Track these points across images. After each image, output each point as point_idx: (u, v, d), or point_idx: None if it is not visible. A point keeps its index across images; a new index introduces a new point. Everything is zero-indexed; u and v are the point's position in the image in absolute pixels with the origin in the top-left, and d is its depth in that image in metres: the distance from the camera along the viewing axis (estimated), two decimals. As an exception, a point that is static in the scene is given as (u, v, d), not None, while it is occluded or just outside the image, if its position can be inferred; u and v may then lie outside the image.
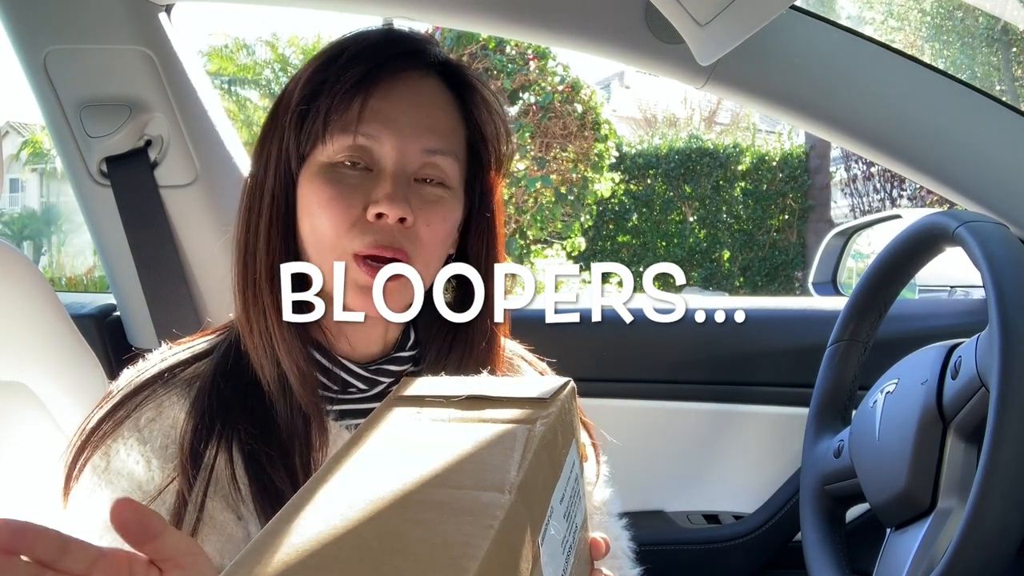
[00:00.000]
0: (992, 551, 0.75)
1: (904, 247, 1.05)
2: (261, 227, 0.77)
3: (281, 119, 0.78)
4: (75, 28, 1.30)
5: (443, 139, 0.78)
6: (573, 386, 0.62)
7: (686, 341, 1.50)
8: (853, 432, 1.04)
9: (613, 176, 7.81)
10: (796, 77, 1.27)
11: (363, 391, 0.81)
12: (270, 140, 0.79)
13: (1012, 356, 0.77)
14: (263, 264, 0.76)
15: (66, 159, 1.38)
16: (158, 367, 0.78)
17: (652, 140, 10.41)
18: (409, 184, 0.76)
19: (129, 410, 0.74)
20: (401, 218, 0.74)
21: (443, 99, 0.80)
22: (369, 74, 0.75)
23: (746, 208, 9.71)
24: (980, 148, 1.28)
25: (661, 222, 9.66)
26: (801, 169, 9.70)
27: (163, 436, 0.73)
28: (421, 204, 0.76)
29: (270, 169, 0.78)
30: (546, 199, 7.10)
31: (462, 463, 0.47)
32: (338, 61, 0.76)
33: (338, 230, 0.74)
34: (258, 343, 0.76)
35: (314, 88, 0.76)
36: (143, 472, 0.71)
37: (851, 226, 2.02)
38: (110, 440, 0.73)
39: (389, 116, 0.76)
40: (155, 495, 0.70)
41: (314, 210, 0.75)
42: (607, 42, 1.28)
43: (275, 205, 0.77)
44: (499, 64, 6.84)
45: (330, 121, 0.75)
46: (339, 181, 0.75)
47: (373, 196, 0.74)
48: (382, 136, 0.75)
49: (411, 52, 0.79)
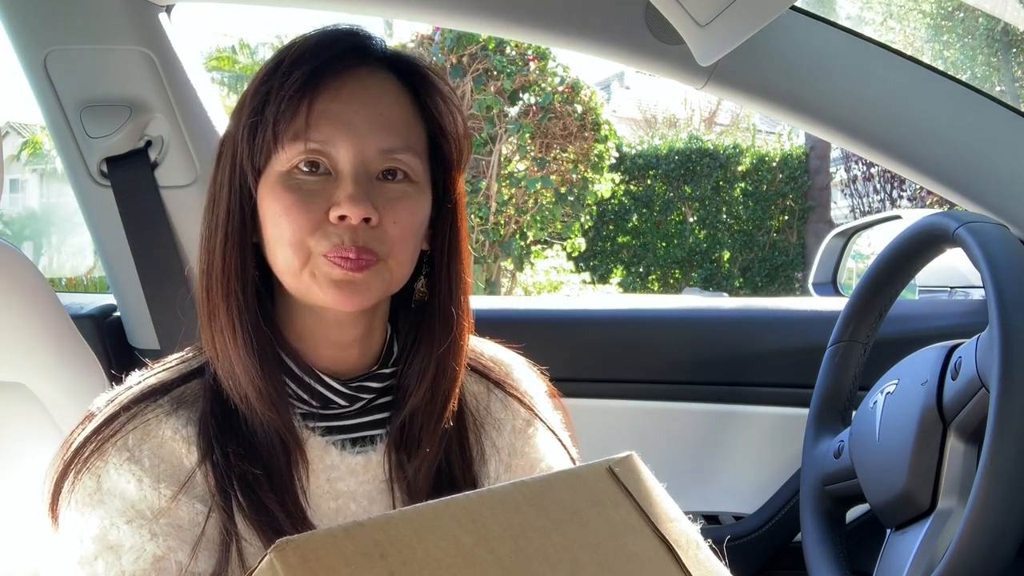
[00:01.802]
0: (992, 551, 0.75)
1: (904, 248, 1.05)
2: (217, 245, 0.76)
3: (233, 134, 0.77)
4: (75, 28, 1.30)
5: (400, 135, 0.76)
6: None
7: (686, 342, 1.50)
8: (853, 433, 1.04)
9: (613, 177, 7.81)
10: (796, 78, 1.27)
11: (344, 407, 0.79)
12: (224, 156, 0.77)
13: (1012, 357, 0.77)
14: (219, 283, 0.75)
15: (66, 159, 1.38)
16: (141, 388, 0.77)
17: (652, 141, 10.42)
18: (371, 183, 0.75)
19: (115, 429, 0.73)
20: (365, 218, 0.72)
21: (396, 94, 0.78)
22: (312, 76, 0.73)
23: (746, 209, 9.71)
24: (980, 148, 1.28)
25: (661, 223, 9.66)
26: (801, 170, 9.71)
27: (152, 455, 0.72)
28: (386, 202, 0.74)
29: (225, 185, 0.76)
30: (546, 200, 7.10)
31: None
32: (280, 68, 0.74)
33: (301, 235, 0.73)
34: (223, 363, 0.75)
35: (261, 99, 0.74)
36: (135, 491, 0.70)
37: (851, 227, 2.02)
38: (98, 461, 0.72)
39: (339, 117, 0.74)
40: (152, 517, 0.69)
41: (276, 220, 0.74)
42: (607, 43, 1.29)
43: (231, 221, 0.75)
44: (499, 65, 6.83)
45: (279, 130, 0.73)
46: (298, 188, 0.73)
47: (334, 199, 0.73)
48: (335, 139, 0.73)
49: (354, 49, 0.77)
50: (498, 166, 7.03)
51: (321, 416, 0.79)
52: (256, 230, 0.77)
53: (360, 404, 0.80)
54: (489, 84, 6.86)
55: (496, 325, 0.98)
